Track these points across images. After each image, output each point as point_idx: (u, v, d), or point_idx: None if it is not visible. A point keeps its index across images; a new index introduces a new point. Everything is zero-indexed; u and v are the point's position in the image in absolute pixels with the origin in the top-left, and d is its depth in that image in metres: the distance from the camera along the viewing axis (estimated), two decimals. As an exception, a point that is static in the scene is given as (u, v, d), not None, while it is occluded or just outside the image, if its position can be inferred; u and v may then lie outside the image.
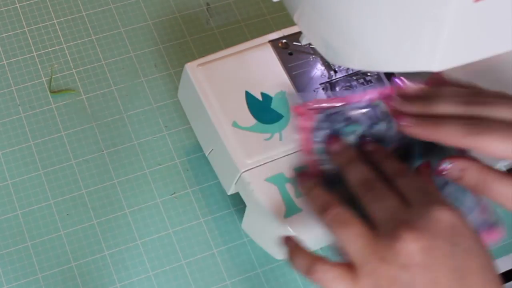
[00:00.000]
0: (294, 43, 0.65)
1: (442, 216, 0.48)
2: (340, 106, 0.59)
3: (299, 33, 0.64)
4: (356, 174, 0.54)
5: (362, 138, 0.58)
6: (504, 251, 0.69)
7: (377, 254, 0.48)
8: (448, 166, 0.54)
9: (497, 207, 0.55)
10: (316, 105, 0.59)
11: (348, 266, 0.49)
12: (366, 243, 0.48)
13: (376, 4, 0.47)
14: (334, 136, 0.58)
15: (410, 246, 0.47)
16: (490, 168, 0.53)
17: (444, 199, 0.50)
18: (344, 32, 0.50)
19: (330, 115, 0.59)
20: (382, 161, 0.55)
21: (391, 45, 0.48)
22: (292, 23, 0.59)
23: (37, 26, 0.76)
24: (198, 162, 0.71)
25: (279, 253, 0.63)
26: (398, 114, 0.56)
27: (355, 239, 0.49)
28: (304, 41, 0.64)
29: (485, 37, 0.47)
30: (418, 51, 0.47)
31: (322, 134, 0.58)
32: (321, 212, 0.52)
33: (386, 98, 0.59)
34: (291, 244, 0.52)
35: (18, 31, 0.76)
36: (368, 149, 0.57)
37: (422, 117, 0.55)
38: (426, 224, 0.47)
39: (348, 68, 0.64)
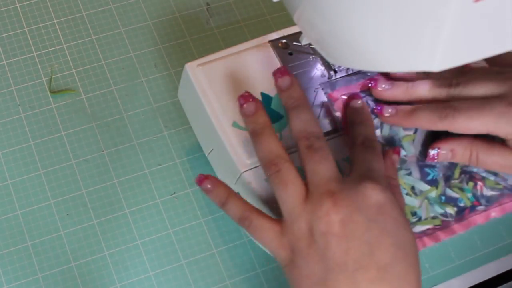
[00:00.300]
0: (294, 43, 0.65)
1: (370, 193, 0.51)
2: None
3: (299, 33, 0.64)
4: (300, 123, 0.56)
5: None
6: (504, 251, 0.69)
7: (303, 215, 0.52)
8: (436, 152, 0.56)
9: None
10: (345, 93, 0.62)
11: (279, 221, 0.54)
12: (297, 204, 0.52)
13: (376, 4, 0.47)
14: (283, 70, 0.59)
15: (332, 216, 0.51)
16: (477, 141, 0.57)
17: (382, 180, 0.53)
18: (344, 32, 0.50)
19: None
20: (358, 122, 0.59)
21: (391, 45, 0.48)
22: (292, 23, 0.59)
23: (37, 26, 0.76)
24: (198, 162, 0.71)
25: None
26: (378, 104, 0.60)
27: (288, 198, 0.53)
28: (304, 41, 0.64)
29: (485, 37, 0.47)
30: (418, 51, 0.47)
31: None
32: (268, 164, 0.55)
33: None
34: (223, 190, 0.56)
35: (18, 31, 0.76)
36: (353, 105, 0.60)
37: (404, 104, 0.59)
38: (352, 197, 0.51)
39: (348, 68, 0.64)
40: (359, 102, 0.60)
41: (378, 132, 0.61)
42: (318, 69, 0.64)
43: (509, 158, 0.57)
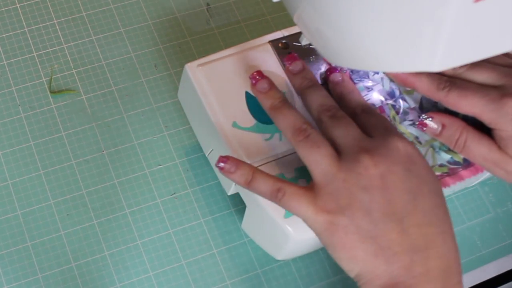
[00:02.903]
0: (294, 43, 0.65)
1: (400, 146, 0.53)
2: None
3: (299, 33, 0.64)
4: (318, 99, 0.58)
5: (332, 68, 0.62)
6: (504, 251, 0.69)
7: (340, 175, 0.52)
8: (427, 121, 0.60)
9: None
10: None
11: (310, 187, 0.54)
12: (332, 164, 0.53)
13: (376, 4, 0.47)
14: (293, 55, 0.61)
15: (371, 171, 0.52)
16: (470, 128, 0.58)
17: (401, 134, 0.55)
18: (344, 32, 0.50)
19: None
20: (347, 93, 0.60)
21: (391, 45, 0.48)
22: (292, 23, 0.59)
23: (37, 26, 0.76)
24: (198, 162, 0.71)
25: (279, 254, 0.63)
26: None
27: (322, 160, 0.53)
28: (304, 41, 0.64)
29: (485, 37, 0.47)
30: (418, 51, 0.47)
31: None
32: (295, 131, 0.55)
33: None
34: (248, 168, 0.56)
35: (18, 31, 0.76)
36: (335, 80, 0.61)
37: None
38: (385, 152, 0.53)
39: (348, 68, 0.63)
40: (339, 75, 0.61)
41: (380, 86, 0.63)
42: (318, 69, 0.64)
43: (494, 153, 0.57)
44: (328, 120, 0.56)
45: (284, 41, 0.65)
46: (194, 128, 0.67)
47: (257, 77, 0.60)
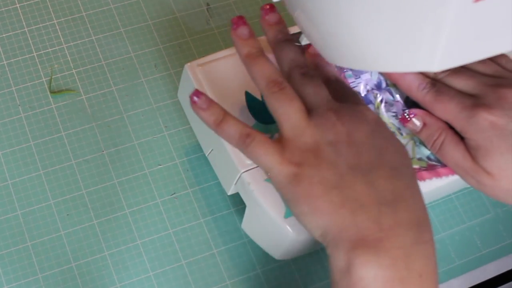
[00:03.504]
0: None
1: (367, 112, 0.54)
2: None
3: (299, 33, 0.64)
4: (292, 54, 0.58)
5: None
6: (504, 251, 0.69)
7: (309, 130, 0.52)
8: (409, 116, 0.60)
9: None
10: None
11: (279, 139, 0.53)
12: (301, 119, 0.53)
13: (376, 4, 0.47)
14: (272, 6, 0.59)
15: (339, 127, 0.52)
16: (450, 132, 0.59)
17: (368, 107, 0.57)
18: (344, 32, 0.50)
19: None
20: (323, 65, 0.60)
21: (391, 45, 0.48)
22: (292, 23, 0.59)
23: (37, 26, 0.76)
24: (198, 162, 0.71)
25: (279, 253, 0.63)
26: None
27: (293, 114, 0.53)
28: (304, 41, 0.64)
29: (485, 37, 0.47)
30: (418, 51, 0.47)
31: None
32: (270, 82, 0.55)
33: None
34: (220, 109, 0.55)
35: (18, 31, 0.76)
36: (314, 51, 0.61)
37: None
38: (353, 114, 0.54)
39: (348, 68, 0.63)
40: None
41: (368, 76, 0.63)
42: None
43: (467, 161, 0.57)
44: (299, 77, 0.56)
45: (284, 41, 0.65)
46: (194, 128, 0.67)
47: (239, 22, 0.57)
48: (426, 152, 0.62)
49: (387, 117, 0.63)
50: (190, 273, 0.66)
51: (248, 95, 0.63)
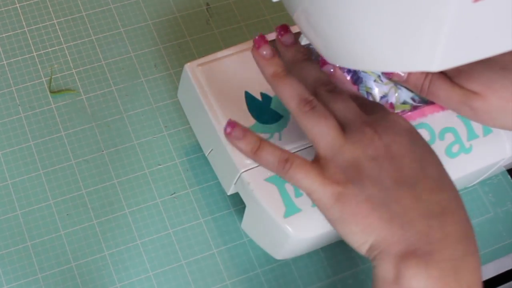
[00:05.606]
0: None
1: (400, 120, 0.54)
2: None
3: (299, 33, 0.64)
4: (315, 73, 0.57)
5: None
6: (504, 251, 0.69)
7: (347, 147, 0.52)
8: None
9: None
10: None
11: (316, 160, 0.52)
12: (338, 136, 0.52)
13: (376, 4, 0.47)
14: (285, 26, 0.59)
15: (376, 142, 0.52)
16: (434, 73, 0.59)
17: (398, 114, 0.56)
18: (344, 32, 0.50)
19: None
20: (339, 85, 0.59)
21: (391, 45, 0.48)
22: (292, 23, 0.59)
23: (37, 26, 0.76)
24: (198, 162, 0.71)
25: (279, 253, 0.63)
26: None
27: (328, 132, 0.52)
28: (304, 41, 0.64)
29: (485, 37, 0.47)
30: (418, 51, 0.47)
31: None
32: (301, 102, 0.54)
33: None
34: (256, 137, 0.54)
35: (18, 31, 0.76)
36: (327, 72, 0.60)
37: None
38: (387, 125, 0.53)
39: (348, 68, 0.63)
40: (331, 67, 0.61)
41: None
42: (318, 69, 0.64)
43: (455, 88, 0.58)
44: (326, 94, 0.55)
45: (284, 41, 0.65)
46: (194, 128, 0.67)
47: (260, 41, 0.56)
48: (409, 93, 0.62)
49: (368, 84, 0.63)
50: (190, 273, 0.66)
51: (248, 95, 0.63)
